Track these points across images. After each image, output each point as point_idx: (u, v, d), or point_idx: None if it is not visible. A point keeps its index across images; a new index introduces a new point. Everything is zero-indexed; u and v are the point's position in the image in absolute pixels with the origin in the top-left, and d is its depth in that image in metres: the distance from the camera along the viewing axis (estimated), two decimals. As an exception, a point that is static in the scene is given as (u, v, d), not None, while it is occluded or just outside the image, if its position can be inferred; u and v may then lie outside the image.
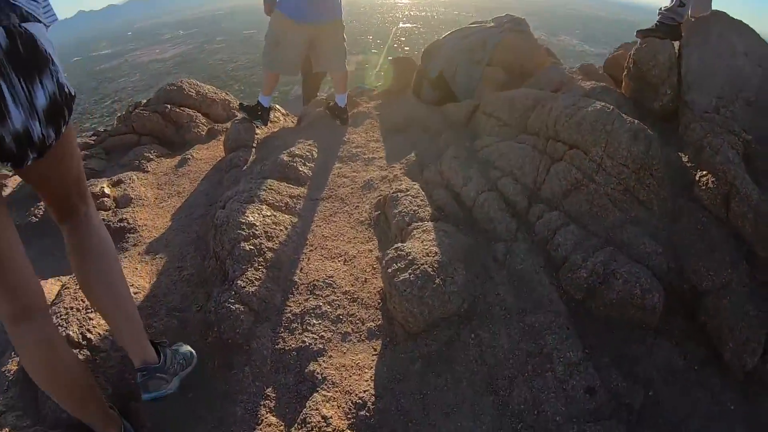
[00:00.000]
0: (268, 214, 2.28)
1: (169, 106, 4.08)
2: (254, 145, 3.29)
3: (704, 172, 2.21)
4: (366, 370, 1.65)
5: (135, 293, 2.00)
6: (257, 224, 2.16)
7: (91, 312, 1.82)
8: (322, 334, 1.78)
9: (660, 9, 3.09)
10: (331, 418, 1.46)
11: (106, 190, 2.96)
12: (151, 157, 3.52)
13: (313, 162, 2.90)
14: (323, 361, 1.68)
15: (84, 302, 1.85)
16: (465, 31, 3.92)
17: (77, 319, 1.79)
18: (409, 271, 1.76)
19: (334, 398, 1.55)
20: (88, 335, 1.74)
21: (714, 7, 2.99)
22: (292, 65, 3.31)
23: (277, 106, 4.32)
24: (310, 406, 1.51)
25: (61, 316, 1.79)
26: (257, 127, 3.47)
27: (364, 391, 1.57)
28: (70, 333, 1.72)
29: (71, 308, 1.84)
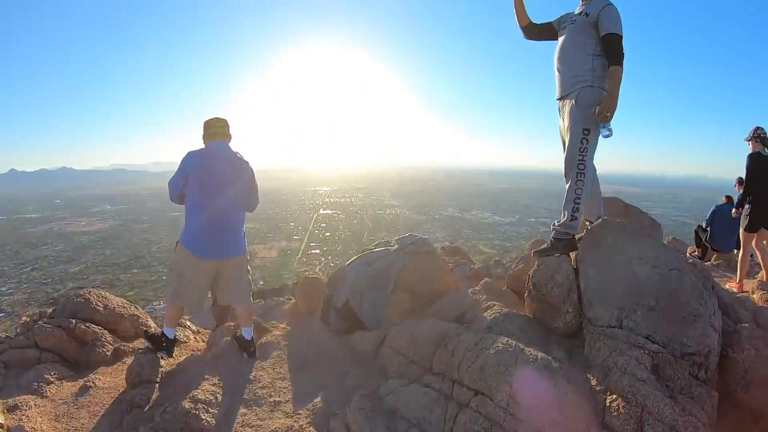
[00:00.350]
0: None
1: (73, 321, 3.87)
2: (158, 380, 3.11)
3: (614, 396, 2.19)
4: None
5: None
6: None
7: None
8: None
9: (553, 224, 3.18)
10: None
11: (0, 419, 2.69)
12: (51, 379, 3.27)
13: (217, 407, 2.78)
14: None
15: None
16: (369, 256, 4.11)
17: None
18: None
19: None
20: None
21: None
22: (195, 300, 3.29)
23: (188, 322, 4.25)
24: None
25: None
26: (162, 358, 3.34)
27: None
28: None
29: None
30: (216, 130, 3.24)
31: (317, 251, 54.03)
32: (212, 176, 3.08)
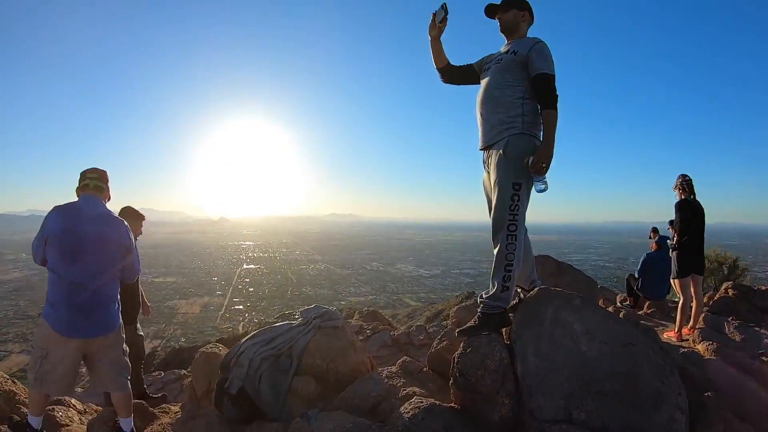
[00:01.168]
0: None
1: None
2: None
3: None
4: None
5: None
6: None
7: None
8: None
9: (480, 296, 2.68)
10: None
11: None
12: None
13: None
14: None
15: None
16: (268, 333, 3.54)
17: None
18: None
19: None
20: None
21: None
22: (63, 386, 2.70)
23: (74, 400, 3.59)
24: None
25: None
26: None
27: None
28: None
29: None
30: (87, 182, 2.78)
31: (240, 307, 52.39)
32: (73, 238, 2.59)
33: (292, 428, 2.59)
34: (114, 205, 3.00)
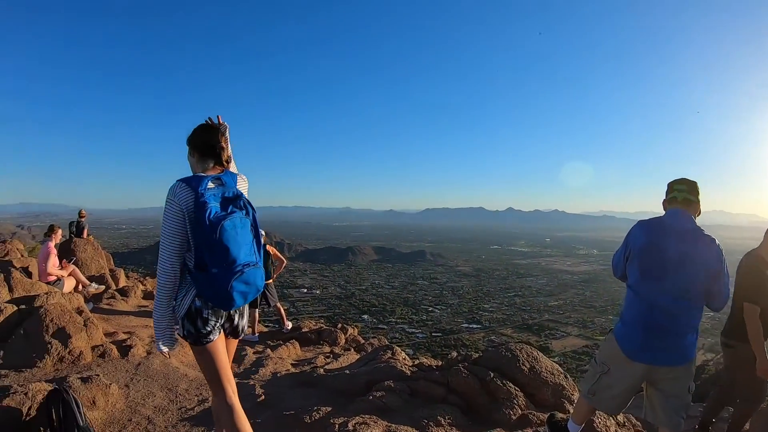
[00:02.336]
0: None
1: (492, 374, 3.67)
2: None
3: None
4: None
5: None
6: None
7: None
8: None
9: None
10: None
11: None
12: (443, 422, 3.12)
13: None
14: None
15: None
16: None
17: None
18: None
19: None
20: None
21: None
22: (614, 404, 2.59)
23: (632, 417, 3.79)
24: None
25: None
26: None
27: None
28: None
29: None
30: (675, 194, 2.49)
31: None
32: (655, 256, 2.36)
33: None
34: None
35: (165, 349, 1.98)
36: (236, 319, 2.06)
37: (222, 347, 2.01)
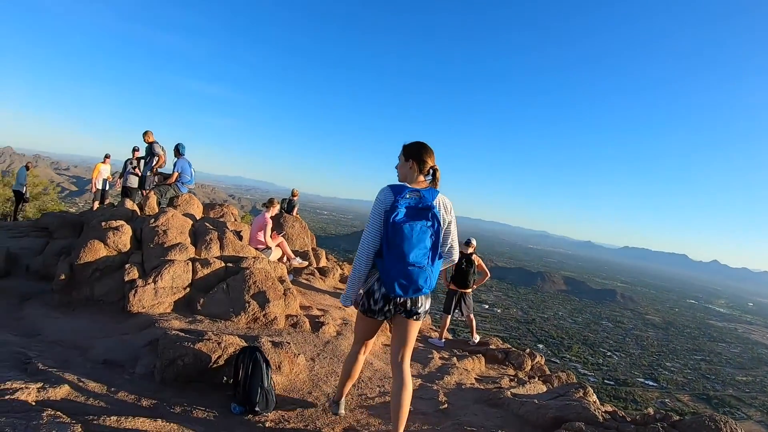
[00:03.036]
0: None
1: None
2: None
3: None
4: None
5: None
6: None
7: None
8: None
9: None
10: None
11: None
12: None
13: None
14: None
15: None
16: None
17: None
18: None
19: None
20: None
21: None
22: None
23: None
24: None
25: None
26: None
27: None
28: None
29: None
30: None
31: None
32: None
33: None
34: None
35: (344, 303, 2.56)
36: (409, 304, 2.39)
37: (374, 325, 2.56)
